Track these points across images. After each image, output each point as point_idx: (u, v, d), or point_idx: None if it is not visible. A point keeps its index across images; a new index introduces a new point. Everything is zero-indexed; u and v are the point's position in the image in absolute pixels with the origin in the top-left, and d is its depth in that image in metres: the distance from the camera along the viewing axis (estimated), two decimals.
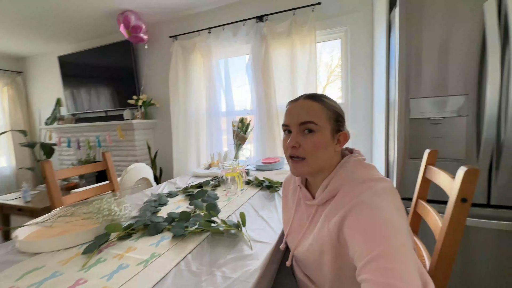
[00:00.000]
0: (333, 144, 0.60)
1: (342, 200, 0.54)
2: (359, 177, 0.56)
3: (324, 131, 0.58)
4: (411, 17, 1.10)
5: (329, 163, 0.61)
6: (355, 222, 0.49)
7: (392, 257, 0.42)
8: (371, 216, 0.48)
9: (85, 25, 2.67)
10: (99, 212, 0.82)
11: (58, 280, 0.59)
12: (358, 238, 0.48)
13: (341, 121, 0.61)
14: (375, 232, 0.46)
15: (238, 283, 0.55)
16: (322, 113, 0.58)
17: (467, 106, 1.05)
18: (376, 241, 0.45)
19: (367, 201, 0.50)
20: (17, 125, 3.74)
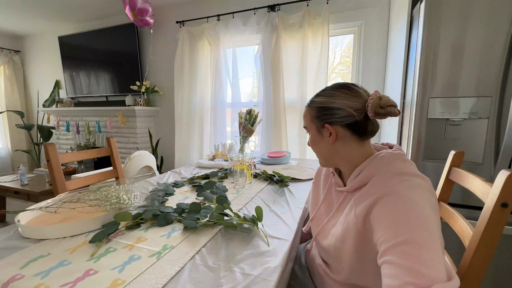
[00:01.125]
0: (323, 139, 0.63)
1: (374, 187, 0.53)
2: (396, 170, 0.53)
3: (312, 131, 0.65)
4: (436, 13, 1.06)
5: (333, 156, 0.63)
6: (385, 209, 0.48)
7: (419, 245, 0.41)
8: (403, 206, 0.46)
9: (89, 4, 2.57)
10: (107, 199, 0.78)
11: (66, 270, 0.55)
12: (387, 223, 0.46)
13: (326, 113, 0.60)
14: (406, 220, 0.45)
15: (260, 280, 0.53)
16: (308, 116, 0.65)
17: (489, 108, 1.02)
18: (405, 228, 0.44)
19: (401, 192, 0.48)
20: (13, 106, 3.65)
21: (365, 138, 0.60)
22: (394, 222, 0.46)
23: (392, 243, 0.43)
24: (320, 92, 0.64)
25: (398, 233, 0.44)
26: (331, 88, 0.62)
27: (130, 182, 1.09)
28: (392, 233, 0.45)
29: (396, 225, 0.45)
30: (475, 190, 0.62)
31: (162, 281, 0.52)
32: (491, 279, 1.11)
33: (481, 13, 1.00)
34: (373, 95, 0.56)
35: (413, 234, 0.42)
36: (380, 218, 0.48)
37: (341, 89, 0.60)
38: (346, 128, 0.59)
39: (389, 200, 0.48)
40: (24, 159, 3.76)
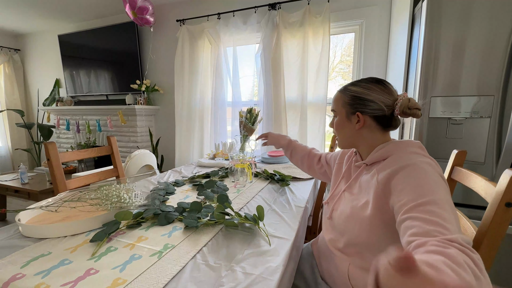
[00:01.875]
0: (350, 124, 0.69)
1: (394, 161, 0.58)
2: (413, 150, 0.59)
3: (340, 115, 0.71)
4: (437, 12, 1.05)
5: (356, 140, 0.69)
6: (406, 177, 0.54)
7: (441, 206, 0.46)
8: (423, 175, 0.52)
9: (89, 3, 2.56)
10: (107, 198, 0.78)
11: (67, 269, 0.55)
12: (410, 188, 0.51)
13: (359, 103, 0.66)
14: (427, 185, 0.50)
15: (261, 280, 0.52)
16: (340, 101, 0.70)
17: (491, 107, 1.01)
18: (427, 192, 0.49)
19: (419, 165, 0.54)
20: (13, 105, 3.64)
21: (387, 129, 0.67)
22: (416, 187, 0.51)
23: (415, 203, 0.48)
24: (356, 82, 0.69)
25: (421, 195, 0.48)
26: (367, 81, 0.67)
27: (130, 181, 1.09)
28: (415, 195, 0.49)
29: (418, 189, 0.50)
30: (478, 189, 0.61)
31: (163, 280, 0.51)
32: (494, 279, 1.11)
33: (483, 12, 0.99)
34: (402, 96, 0.64)
35: (435, 196, 0.47)
36: (402, 183, 0.53)
37: (377, 84, 0.65)
38: (373, 119, 0.66)
39: (409, 170, 0.54)
40: (24, 158, 3.76)
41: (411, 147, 0.61)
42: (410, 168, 0.54)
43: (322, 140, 2.06)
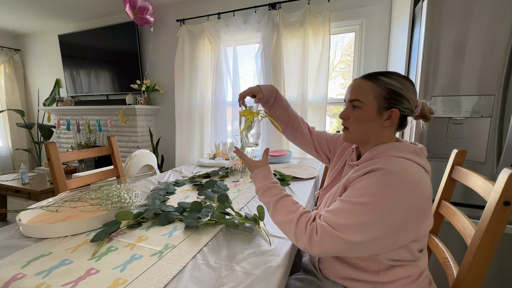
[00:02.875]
0: (379, 120, 0.62)
1: (377, 162, 0.56)
2: (404, 156, 0.56)
3: (369, 107, 0.62)
4: (438, 11, 1.05)
5: (374, 136, 0.64)
6: (367, 178, 0.54)
7: (354, 212, 0.52)
8: (383, 185, 0.51)
9: (89, 3, 2.56)
10: (108, 198, 0.78)
11: (68, 269, 0.55)
12: (357, 188, 0.55)
13: (396, 98, 0.60)
14: (371, 196, 0.51)
15: (261, 280, 0.52)
16: (370, 91, 0.62)
17: (492, 107, 1.01)
18: (365, 196, 0.52)
19: (392, 173, 0.52)
20: (14, 105, 3.65)
21: (399, 129, 0.65)
22: (362, 189, 0.53)
23: (346, 199, 0.54)
24: (387, 74, 0.62)
25: (357, 197, 0.53)
26: (399, 76, 0.62)
27: (131, 181, 1.09)
28: (353, 194, 0.54)
29: (360, 191, 0.53)
30: (477, 188, 0.61)
31: (164, 280, 0.51)
32: (493, 278, 1.11)
33: (483, 11, 0.99)
34: (421, 100, 0.64)
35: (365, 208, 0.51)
36: (359, 182, 0.55)
37: (409, 82, 0.62)
38: (399, 118, 0.62)
39: (377, 174, 0.53)
40: (25, 158, 3.77)
41: (404, 151, 0.57)
42: (379, 172, 0.53)
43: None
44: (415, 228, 0.53)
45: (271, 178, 0.68)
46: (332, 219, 0.53)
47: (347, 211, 0.53)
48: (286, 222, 0.58)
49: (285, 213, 0.59)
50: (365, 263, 0.59)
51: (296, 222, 0.57)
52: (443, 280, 0.66)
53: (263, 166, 0.70)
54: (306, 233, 0.54)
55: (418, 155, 0.57)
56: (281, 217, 0.60)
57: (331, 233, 0.52)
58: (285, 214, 0.59)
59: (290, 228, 0.57)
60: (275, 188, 0.65)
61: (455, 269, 0.61)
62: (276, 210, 0.62)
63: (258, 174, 0.69)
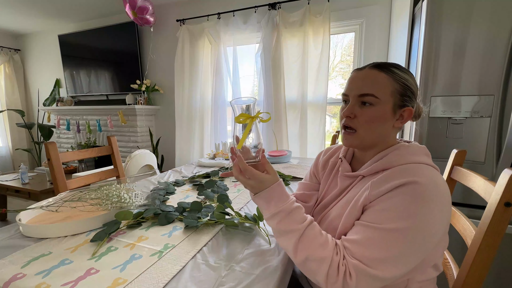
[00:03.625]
0: (392, 120, 0.54)
1: (396, 173, 0.48)
2: (420, 160, 0.50)
3: (385, 105, 0.52)
4: (438, 11, 1.05)
5: (384, 139, 0.56)
6: (393, 197, 0.46)
7: (387, 240, 0.43)
8: (410, 200, 0.44)
9: (89, 3, 2.56)
10: (107, 198, 0.78)
11: (67, 269, 0.55)
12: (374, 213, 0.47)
13: (409, 96, 0.54)
14: (403, 214, 0.44)
15: (261, 279, 0.52)
16: (387, 85, 0.52)
17: (491, 107, 1.01)
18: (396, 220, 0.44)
19: (421, 182, 0.44)
20: (14, 105, 3.65)
21: (399, 128, 0.58)
22: (395, 209, 0.45)
23: (375, 225, 0.45)
24: (397, 66, 0.54)
25: (389, 221, 0.44)
26: (407, 70, 0.55)
27: (131, 181, 1.09)
28: (383, 218, 0.45)
29: (394, 213, 0.44)
30: (477, 189, 0.61)
31: (164, 280, 0.51)
32: (494, 279, 1.11)
33: (483, 11, 0.99)
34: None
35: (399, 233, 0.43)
36: (385, 203, 0.46)
37: (413, 77, 0.55)
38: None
39: (405, 189, 0.45)
40: (25, 158, 3.77)
41: (419, 154, 0.52)
42: (412, 187, 0.44)
43: (322, 140, 2.06)
44: (444, 244, 0.51)
45: (288, 196, 0.53)
46: (364, 254, 0.44)
47: (380, 241, 0.43)
48: (317, 260, 0.45)
49: (315, 248, 0.47)
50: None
51: (331, 261, 0.45)
52: (443, 280, 0.66)
53: (276, 181, 0.53)
54: (339, 275, 0.44)
55: (429, 156, 0.53)
56: (311, 252, 0.46)
57: (366, 273, 0.42)
58: (316, 249, 0.46)
59: (320, 269, 0.45)
60: (299, 210, 0.52)
61: (455, 270, 0.61)
62: (302, 243, 0.48)
63: (274, 193, 0.52)
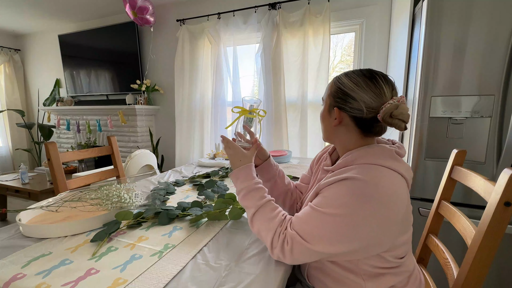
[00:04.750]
0: (329, 118, 0.62)
1: (349, 170, 0.54)
2: (379, 162, 0.53)
3: (325, 106, 0.64)
4: (438, 11, 1.05)
5: (334, 137, 0.64)
6: (336, 187, 0.52)
7: (321, 219, 0.51)
8: (347, 192, 0.50)
9: (89, 3, 2.56)
10: (108, 198, 0.78)
11: (68, 269, 0.55)
12: (324, 196, 0.53)
13: (342, 98, 0.58)
14: (339, 200, 0.50)
15: (261, 280, 0.52)
16: (329, 90, 0.62)
17: (492, 107, 1.01)
18: (333, 205, 0.50)
19: (360, 179, 0.49)
20: (14, 105, 3.65)
21: (368, 135, 0.59)
22: (331, 198, 0.52)
23: (316, 207, 0.52)
24: (351, 73, 0.59)
25: (327, 206, 0.51)
26: (361, 74, 0.57)
27: (131, 181, 1.09)
28: (322, 203, 0.52)
29: (329, 201, 0.51)
30: (477, 189, 0.61)
31: (164, 280, 0.51)
32: (494, 279, 1.11)
33: (484, 11, 0.99)
34: (394, 100, 0.53)
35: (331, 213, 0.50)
36: (327, 191, 0.53)
37: (368, 80, 0.55)
38: (351, 119, 0.58)
39: (346, 183, 0.51)
40: (25, 158, 3.77)
41: (380, 157, 0.54)
42: (351, 182, 0.50)
43: (322, 140, 2.06)
44: (389, 240, 0.52)
45: (253, 177, 0.65)
46: (302, 227, 0.52)
47: (316, 221, 0.51)
48: (265, 231, 0.57)
49: (264, 221, 0.58)
50: (347, 274, 0.56)
51: (274, 232, 0.56)
52: (443, 280, 0.66)
53: (247, 162, 0.67)
54: (278, 242, 0.54)
55: (394, 159, 0.54)
56: (261, 224, 0.58)
57: (300, 243, 0.51)
58: (264, 222, 0.58)
59: (267, 237, 0.56)
60: (258, 190, 0.63)
61: (455, 270, 0.61)
62: (256, 217, 0.60)
63: (240, 173, 0.66)
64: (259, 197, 0.62)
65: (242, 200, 0.64)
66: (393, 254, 0.55)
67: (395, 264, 0.56)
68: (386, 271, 0.56)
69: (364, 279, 0.55)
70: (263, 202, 0.61)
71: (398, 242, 0.54)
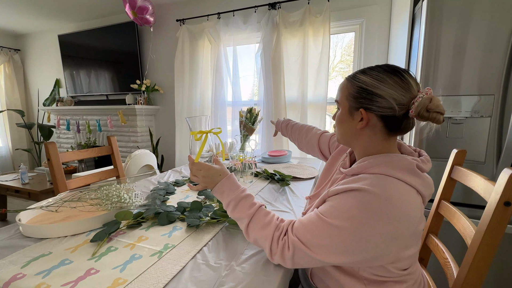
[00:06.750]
0: (351, 121, 0.57)
1: (361, 179, 0.50)
2: (395, 175, 0.49)
3: (343, 109, 0.59)
4: (438, 11, 1.05)
5: (355, 140, 0.60)
6: (344, 197, 0.50)
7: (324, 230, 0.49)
8: (355, 205, 0.47)
9: (89, 3, 2.56)
10: (107, 198, 0.78)
11: (67, 269, 0.55)
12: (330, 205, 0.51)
13: (366, 97, 0.53)
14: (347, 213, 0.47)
15: (261, 280, 0.52)
16: (345, 91, 0.58)
17: (492, 106, 1.01)
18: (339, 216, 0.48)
19: (372, 192, 0.46)
20: (14, 105, 3.64)
21: (394, 134, 0.55)
22: (337, 209, 0.49)
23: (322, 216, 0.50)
24: (368, 70, 0.55)
25: (333, 217, 0.49)
26: (382, 70, 0.53)
27: (131, 181, 1.09)
28: (329, 212, 0.50)
29: (334, 211, 0.49)
30: (477, 189, 0.61)
31: (164, 280, 0.51)
32: (494, 279, 1.11)
33: (484, 11, 0.99)
34: (424, 92, 0.50)
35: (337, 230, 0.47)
36: (334, 200, 0.51)
37: (392, 75, 0.52)
38: (379, 119, 0.53)
39: (356, 194, 0.48)
40: (25, 158, 3.77)
41: (397, 168, 0.50)
42: (361, 194, 0.47)
43: None
44: (394, 255, 0.49)
45: (238, 185, 0.63)
46: (304, 235, 0.51)
47: (320, 230, 0.49)
48: (262, 239, 0.56)
49: (259, 229, 0.56)
50: (349, 278, 0.55)
51: (272, 238, 0.54)
52: (443, 280, 0.66)
53: (227, 174, 0.64)
54: (278, 248, 0.53)
55: (413, 173, 0.50)
56: (256, 233, 0.57)
57: (301, 250, 0.50)
58: (259, 230, 0.56)
59: (265, 245, 0.55)
60: (247, 198, 0.61)
61: (455, 270, 0.61)
62: (250, 227, 0.58)
63: (225, 186, 0.63)
64: (249, 206, 0.60)
65: (232, 213, 0.61)
66: (397, 266, 0.53)
67: (397, 275, 0.54)
68: (388, 279, 0.54)
69: (365, 284, 0.54)
70: (254, 210, 0.59)
71: (403, 255, 0.51)
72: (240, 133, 1.82)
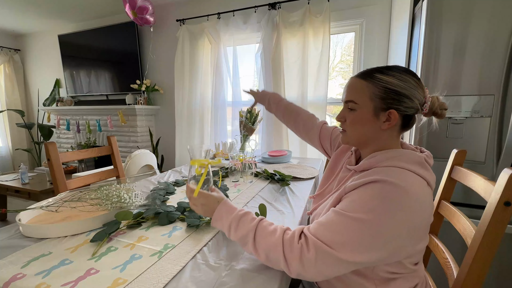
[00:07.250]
0: (376, 122, 0.57)
1: (375, 172, 0.52)
2: (407, 167, 0.51)
3: (364, 109, 0.58)
4: (438, 11, 1.05)
5: (373, 139, 0.59)
6: (364, 190, 0.50)
7: (355, 231, 0.46)
8: (374, 196, 0.47)
9: (89, 3, 2.56)
10: (107, 198, 0.78)
11: (67, 269, 0.55)
12: (351, 200, 0.50)
13: (394, 98, 0.54)
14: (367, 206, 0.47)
15: (261, 280, 0.52)
16: (365, 91, 0.57)
17: (492, 106, 1.01)
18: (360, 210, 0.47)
19: (390, 186, 0.47)
20: (14, 105, 3.65)
21: (405, 130, 0.59)
22: (358, 201, 0.49)
23: (341, 211, 0.49)
24: (386, 71, 0.56)
25: (353, 211, 0.48)
26: (400, 70, 0.56)
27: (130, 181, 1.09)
28: (350, 207, 0.49)
29: (355, 205, 0.49)
30: (477, 189, 0.61)
31: (164, 280, 0.51)
32: (494, 279, 1.11)
33: (484, 11, 0.99)
34: (427, 93, 0.56)
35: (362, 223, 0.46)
36: (354, 195, 0.51)
37: (412, 77, 0.55)
38: (401, 118, 0.56)
39: (374, 186, 0.48)
40: (25, 158, 3.77)
41: (408, 161, 0.52)
42: (379, 185, 0.48)
43: None
44: (411, 247, 0.50)
45: (235, 207, 0.60)
46: (326, 234, 0.48)
47: (342, 226, 0.47)
48: (272, 247, 0.51)
49: (266, 238, 0.52)
50: (359, 279, 0.55)
51: (282, 242, 0.50)
52: (443, 280, 0.66)
53: (221, 200, 0.61)
54: (295, 253, 0.48)
55: (423, 166, 0.52)
56: (265, 243, 0.52)
57: (325, 251, 0.46)
58: (267, 239, 0.52)
59: (278, 254, 0.50)
60: (247, 214, 0.58)
61: (455, 270, 0.61)
62: (257, 240, 0.53)
63: (222, 211, 0.59)
64: (250, 220, 0.56)
65: (235, 233, 0.56)
66: (411, 260, 0.54)
67: (410, 270, 0.55)
68: (399, 276, 0.54)
69: (376, 284, 0.54)
70: (257, 222, 0.56)
71: (418, 248, 0.52)
72: (240, 133, 1.82)
